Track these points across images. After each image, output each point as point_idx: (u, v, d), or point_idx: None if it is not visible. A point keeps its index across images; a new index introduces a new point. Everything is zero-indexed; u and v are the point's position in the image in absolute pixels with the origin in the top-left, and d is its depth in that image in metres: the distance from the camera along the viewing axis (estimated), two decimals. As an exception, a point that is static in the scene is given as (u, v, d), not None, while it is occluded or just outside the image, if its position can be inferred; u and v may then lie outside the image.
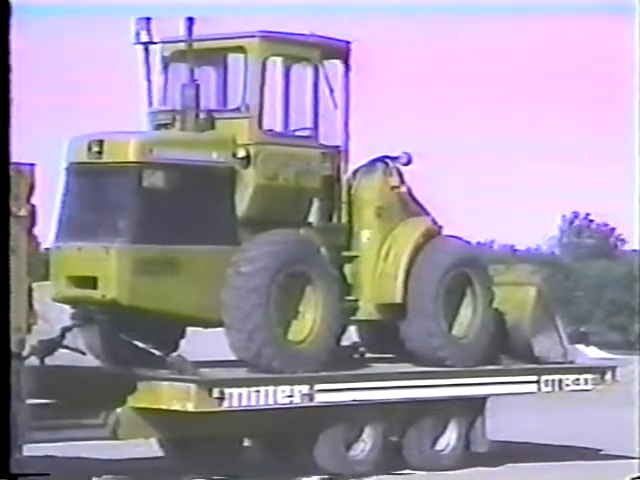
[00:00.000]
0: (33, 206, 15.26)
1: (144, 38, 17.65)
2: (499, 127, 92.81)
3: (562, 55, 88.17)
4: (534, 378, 19.56)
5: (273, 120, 17.88)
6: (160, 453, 17.91)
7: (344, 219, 18.40)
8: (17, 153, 12.36)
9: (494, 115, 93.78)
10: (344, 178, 18.42)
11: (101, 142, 16.79)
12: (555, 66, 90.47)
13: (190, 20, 17.39)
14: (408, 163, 18.74)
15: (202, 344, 18.01)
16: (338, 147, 18.33)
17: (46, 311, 16.34)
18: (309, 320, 17.41)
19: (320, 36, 18.07)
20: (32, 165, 15.32)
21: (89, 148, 16.83)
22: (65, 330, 17.25)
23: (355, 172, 18.60)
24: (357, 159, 18.69)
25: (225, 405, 16.31)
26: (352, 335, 18.93)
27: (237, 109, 17.71)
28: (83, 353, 17.32)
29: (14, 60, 11.95)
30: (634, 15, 12.11)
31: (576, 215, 66.98)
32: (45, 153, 16.40)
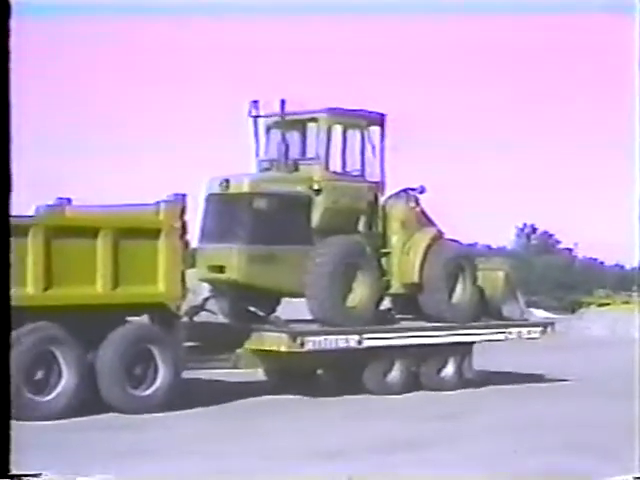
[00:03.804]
0: (184, 221, 15.46)
1: (254, 113, 17.83)
2: (490, 132, 73.98)
3: (561, 55, 68.69)
4: (503, 330, 19.51)
5: (335, 165, 17.87)
6: (265, 378, 18.16)
7: (380, 229, 18.34)
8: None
9: (488, 119, 73.97)
10: (381, 202, 18.37)
11: (227, 180, 17.08)
12: (554, 66, 70.34)
13: (283, 101, 17.54)
14: (422, 192, 18.79)
15: (292, 308, 18.11)
16: (377, 182, 18.23)
17: (193, 287, 16.77)
18: (359, 293, 17.43)
19: (366, 110, 18.04)
20: (184, 195, 15.53)
21: (220, 184, 17.10)
22: (205, 299, 17.49)
23: (388, 198, 18.56)
24: (389, 189, 18.66)
25: (306, 348, 16.48)
26: (387, 303, 18.81)
27: (312, 158, 17.72)
28: (216, 314, 17.51)
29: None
30: (634, 15, 10.12)
31: (525, 225, 67.11)
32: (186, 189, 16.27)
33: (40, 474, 7.19)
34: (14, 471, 6.44)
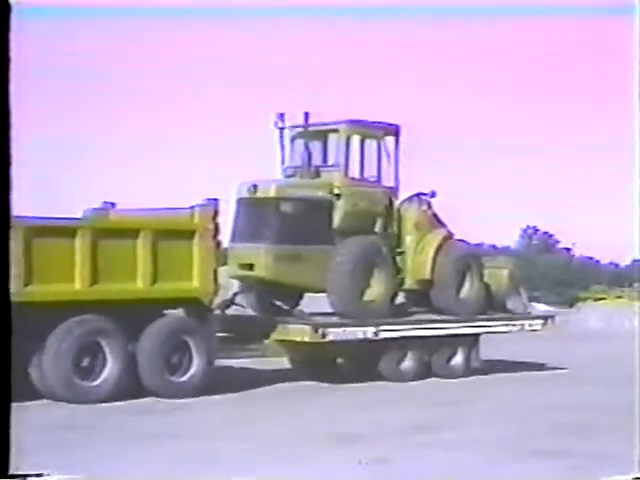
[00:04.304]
0: (217, 223, 15.49)
1: (280, 125, 17.81)
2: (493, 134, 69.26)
3: (561, 57, 63.93)
4: (507, 323, 19.44)
5: (354, 171, 17.80)
6: (289, 366, 18.13)
7: (395, 230, 18.27)
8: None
9: (492, 120, 68.72)
10: (395, 205, 18.30)
11: (256, 186, 17.09)
12: (554, 68, 66.02)
13: (306, 114, 17.59)
14: (433, 196, 18.75)
15: (314, 303, 18.08)
16: (392, 187, 18.18)
17: (225, 283, 16.72)
18: (375, 289, 17.40)
19: (382, 122, 18.01)
20: (216, 200, 15.60)
21: (249, 189, 17.09)
22: (235, 294, 17.47)
23: (402, 202, 18.48)
24: (403, 194, 18.59)
25: (327, 338, 16.47)
26: (401, 298, 18.73)
27: (333, 165, 17.69)
28: (245, 308, 17.53)
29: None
30: (634, 15, 9.40)
31: (528, 226, 67.03)
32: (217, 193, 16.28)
33: (40, 474, 6.76)
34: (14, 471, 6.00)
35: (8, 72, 5.65)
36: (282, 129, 17.99)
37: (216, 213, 15.53)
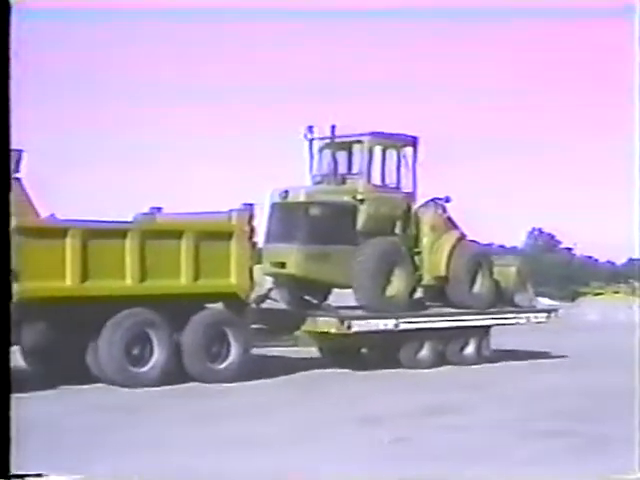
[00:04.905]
0: (253, 226, 15.57)
1: (309, 137, 17.77)
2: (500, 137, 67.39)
3: (562, 58, 62.17)
4: (514, 316, 19.30)
5: (376, 179, 17.76)
6: (318, 355, 18.02)
7: (413, 231, 18.19)
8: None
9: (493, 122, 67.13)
10: (413, 209, 18.24)
11: (287, 192, 17.08)
12: (555, 69, 64.99)
13: (333, 127, 17.50)
14: (448, 201, 18.68)
15: (341, 298, 18.06)
16: (410, 193, 18.12)
17: (259, 280, 16.65)
18: (396, 285, 17.32)
19: (401, 134, 17.95)
20: (252, 204, 15.66)
21: (281, 195, 17.08)
22: (269, 290, 17.44)
23: (420, 206, 18.41)
24: (420, 199, 18.48)
25: (352, 330, 16.42)
26: (419, 293, 18.56)
27: (357, 173, 17.66)
28: (278, 302, 17.48)
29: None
30: (634, 16, 8.78)
31: (534, 229, 66.85)
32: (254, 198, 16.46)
33: (40, 474, 6.36)
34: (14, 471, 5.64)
35: (8, 72, 5.39)
36: (311, 140, 17.98)
37: (252, 216, 15.60)
